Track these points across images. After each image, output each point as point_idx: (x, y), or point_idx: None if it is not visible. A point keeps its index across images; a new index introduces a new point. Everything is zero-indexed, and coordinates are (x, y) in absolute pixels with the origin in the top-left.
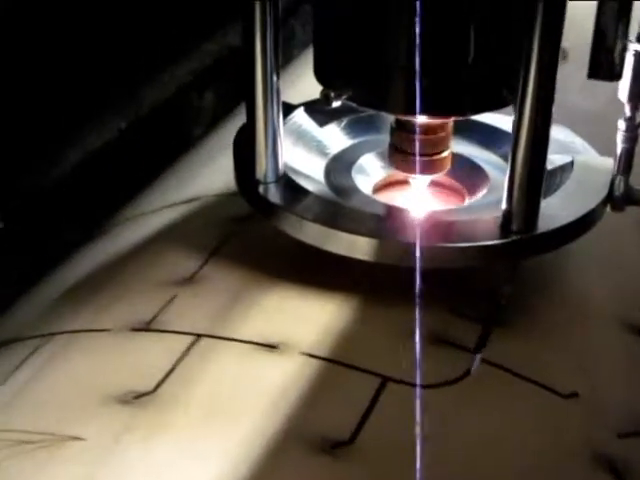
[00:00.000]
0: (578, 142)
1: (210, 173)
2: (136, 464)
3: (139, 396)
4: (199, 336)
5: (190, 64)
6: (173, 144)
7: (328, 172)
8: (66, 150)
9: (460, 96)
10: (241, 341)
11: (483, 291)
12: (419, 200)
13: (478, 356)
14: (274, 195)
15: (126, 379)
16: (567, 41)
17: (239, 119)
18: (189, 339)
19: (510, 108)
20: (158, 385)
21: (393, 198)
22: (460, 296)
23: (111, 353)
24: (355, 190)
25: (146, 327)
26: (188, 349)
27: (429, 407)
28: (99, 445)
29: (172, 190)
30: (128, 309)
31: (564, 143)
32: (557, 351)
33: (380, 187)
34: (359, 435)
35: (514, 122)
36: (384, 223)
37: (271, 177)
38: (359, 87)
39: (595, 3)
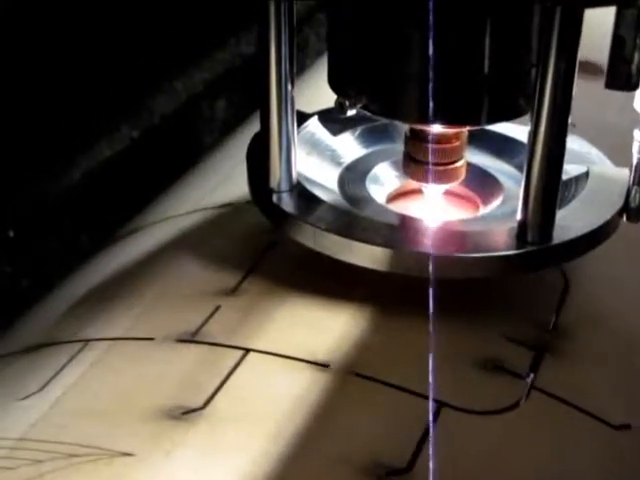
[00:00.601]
0: (593, 152)
1: (223, 182)
2: None
3: (188, 411)
4: (248, 350)
5: (202, 73)
6: (184, 153)
7: (342, 181)
8: (78, 159)
9: (475, 105)
10: (291, 358)
11: (531, 315)
12: (433, 210)
13: (529, 383)
14: (288, 204)
15: (174, 392)
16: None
17: (251, 128)
18: (238, 353)
19: (523, 118)
20: (208, 401)
21: (407, 207)
22: (509, 319)
23: (156, 364)
24: (369, 199)
25: (192, 339)
26: (237, 364)
27: (481, 435)
28: (150, 462)
29: (185, 199)
30: (169, 318)
31: (579, 153)
32: (607, 380)
33: (394, 196)
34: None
35: (530, 132)
36: (398, 232)
37: (285, 186)
38: (374, 96)
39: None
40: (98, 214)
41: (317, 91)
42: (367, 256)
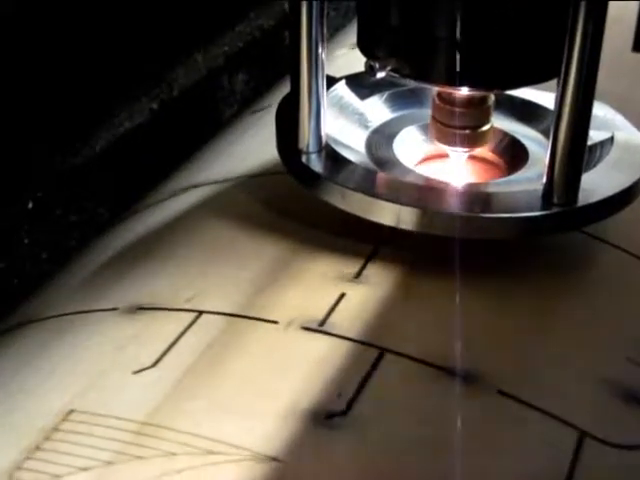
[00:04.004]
0: (618, 119)
1: (242, 154)
2: None
3: (331, 416)
4: (383, 351)
5: (222, 46)
6: (203, 126)
7: (369, 144)
8: (97, 131)
9: (503, 69)
10: (429, 364)
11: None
12: (459, 173)
13: None
14: (316, 165)
15: (314, 391)
16: None
17: (270, 101)
18: (372, 353)
19: (549, 83)
20: (349, 404)
21: (434, 171)
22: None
23: (285, 353)
24: (396, 162)
25: (319, 328)
26: (374, 365)
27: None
28: (299, 470)
29: (207, 171)
30: (289, 300)
31: (604, 119)
32: None
33: (421, 160)
34: None
35: (557, 96)
36: (425, 193)
37: (313, 147)
38: (402, 58)
39: None
40: (117, 186)
41: (336, 61)
42: (394, 215)
